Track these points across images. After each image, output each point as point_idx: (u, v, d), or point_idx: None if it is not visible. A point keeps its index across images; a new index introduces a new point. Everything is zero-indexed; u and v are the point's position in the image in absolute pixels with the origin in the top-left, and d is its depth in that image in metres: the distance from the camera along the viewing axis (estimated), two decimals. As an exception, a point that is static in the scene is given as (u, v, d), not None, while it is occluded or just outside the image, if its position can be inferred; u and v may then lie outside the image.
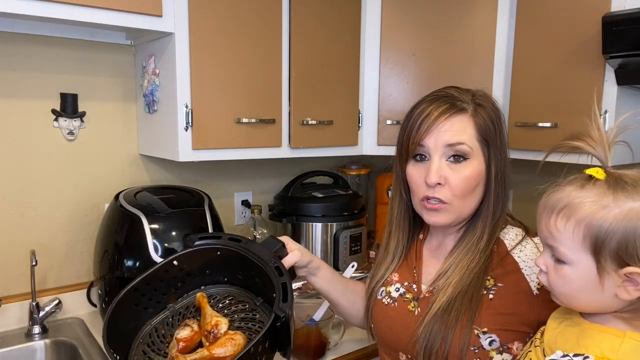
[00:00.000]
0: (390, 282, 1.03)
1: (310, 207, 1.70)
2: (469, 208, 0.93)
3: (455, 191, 0.90)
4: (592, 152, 0.72)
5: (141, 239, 1.26)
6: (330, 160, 2.05)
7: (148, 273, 0.96)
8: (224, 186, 1.78)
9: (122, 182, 1.55)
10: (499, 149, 0.92)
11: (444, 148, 0.90)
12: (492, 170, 0.92)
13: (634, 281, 0.63)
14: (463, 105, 0.91)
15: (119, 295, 0.92)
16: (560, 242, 0.68)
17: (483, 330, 0.86)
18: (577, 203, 0.66)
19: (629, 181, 0.66)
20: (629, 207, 0.63)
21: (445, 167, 0.90)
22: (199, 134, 1.35)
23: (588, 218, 0.65)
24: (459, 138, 0.89)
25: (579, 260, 0.66)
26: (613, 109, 1.33)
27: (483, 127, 0.91)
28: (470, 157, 0.90)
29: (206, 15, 1.32)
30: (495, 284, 0.89)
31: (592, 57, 1.35)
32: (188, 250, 0.99)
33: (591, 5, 1.34)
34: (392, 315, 0.99)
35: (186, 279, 1.01)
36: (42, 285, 1.43)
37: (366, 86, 1.71)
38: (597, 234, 0.64)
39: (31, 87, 1.38)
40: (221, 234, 1.02)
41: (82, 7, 1.13)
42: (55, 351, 1.33)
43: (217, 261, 1.00)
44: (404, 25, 1.67)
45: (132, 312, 0.94)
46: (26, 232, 1.41)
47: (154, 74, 1.41)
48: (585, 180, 0.69)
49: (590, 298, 0.67)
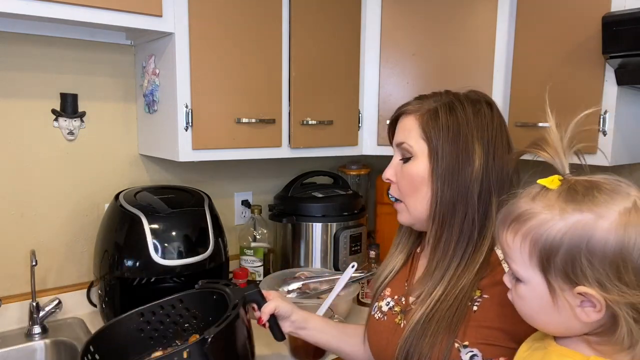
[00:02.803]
0: (383, 297, 1.01)
1: (310, 207, 1.70)
2: (420, 208, 0.91)
3: (401, 189, 0.93)
4: (548, 160, 0.66)
5: (141, 239, 1.26)
6: (330, 160, 2.05)
7: (154, 302, 1.07)
8: (224, 186, 1.78)
9: (122, 182, 1.55)
10: (452, 150, 0.87)
11: (396, 148, 0.95)
12: (438, 171, 0.88)
13: (591, 302, 0.57)
14: (415, 108, 0.92)
15: (124, 314, 1.05)
16: (512, 259, 0.64)
17: (464, 343, 0.81)
18: (523, 215, 0.62)
19: (581, 190, 0.59)
20: (574, 220, 0.57)
21: (399, 166, 0.94)
22: (199, 134, 1.35)
23: (532, 232, 0.60)
24: (403, 138, 0.92)
25: (531, 278, 0.61)
26: (613, 109, 1.33)
27: (431, 127, 0.88)
28: (414, 157, 0.90)
29: (206, 15, 1.32)
30: (481, 295, 0.84)
31: (592, 57, 1.35)
32: (191, 291, 1.09)
33: (591, 5, 1.34)
34: (381, 330, 0.98)
35: (191, 322, 1.10)
36: (42, 285, 1.43)
37: (366, 86, 1.71)
38: (541, 250, 0.59)
39: (31, 87, 1.38)
40: (222, 281, 1.09)
41: (82, 7, 1.13)
42: (55, 351, 1.33)
43: (214, 305, 1.05)
44: (404, 25, 1.67)
45: (133, 336, 1.05)
46: (26, 232, 1.41)
47: (154, 74, 1.41)
48: (538, 191, 0.63)
49: (547, 319, 0.62)
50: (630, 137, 1.43)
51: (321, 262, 1.70)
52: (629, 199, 0.58)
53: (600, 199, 0.58)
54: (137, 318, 1.06)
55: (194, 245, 1.31)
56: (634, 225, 0.56)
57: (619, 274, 0.56)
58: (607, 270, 0.56)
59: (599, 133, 1.35)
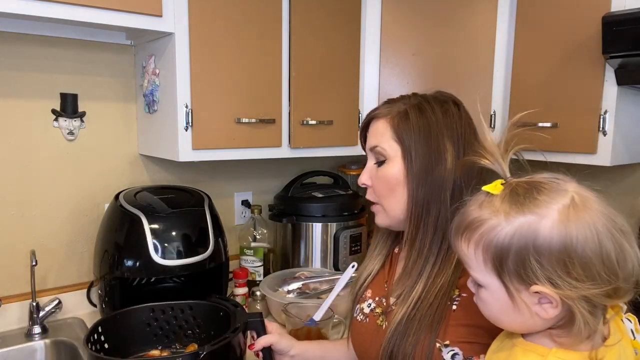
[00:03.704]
0: (364, 299, 1.02)
1: (310, 207, 1.70)
2: (396, 209, 0.92)
3: (377, 191, 0.94)
4: (489, 166, 0.67)
5: (141, 239, 1.26)
6: (330, 160, 2.05)
7: (167, 302, 1.14)
8: (224, 186, 1.78)
9: (122, 182, 1.55)
10: (425, 150, 0.88)
11: (369, 152, 0.96)
12: (412, 171, 0.89)
13: (547, 299, 0.60)
14: (385, 112, 0.92)
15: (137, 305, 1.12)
16: (470, 266, 0.66)
17: (445, 343, 0.82)
18: (473, 223, 0.64)
19: (522, 192, 0.62)
20: (519, 223, 0.60)
21: (374, 169, 0.94)
22: (199, 134, 1.35)
23: (483, 239, 0.62)
24: (375, 141, 0.93)
25: (489, 283, 0.64)
26: (613, 109, 1.33)
27: (402, 129, 0.89)
28: (388, 159, 0.91)
29: (206, 15, 1.32)
30: (459, 294, 0.85)
31: (592, 57, 1.35)
32: (202, 301, 1.15)
33: (591, 6, 1.34)
34: (364, 332, 0.98)
35: (194, 330, 1.14)
36: (42, 285, 1.43)
37: (366, 86, 1.71)
38: (493, 255, 0.61)
39: (31, 87, 1.38)
40: (232, 300, 1.14)
41: (82, 7, 1.13)
42: (55, 351, 1.33)
43: (219, 320, 1.09)
44: (404, 26, 1.67)
45: (140, 329, 1.11)
46: (26, 232, 1.41)
47: (154, 74, 1.41)
48: (484, 197, 0.65)
49: (510, 319, 0.64)
50: (630, 137, 1.43)
51: (321, 262, 1.70)
52: (566, 195, 0.60)
53: (540, 199, 0.60)
54: (148, 312, 1.12)
55: (194, 245, 1.31)
56: (573, 222, 0.58)
57: (567, 270, 0.58)
58: (555, 268, 0.58)
59: (599, 133, 1.35)
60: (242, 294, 1.55)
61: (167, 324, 1.13)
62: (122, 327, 1.08)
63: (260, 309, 1.49)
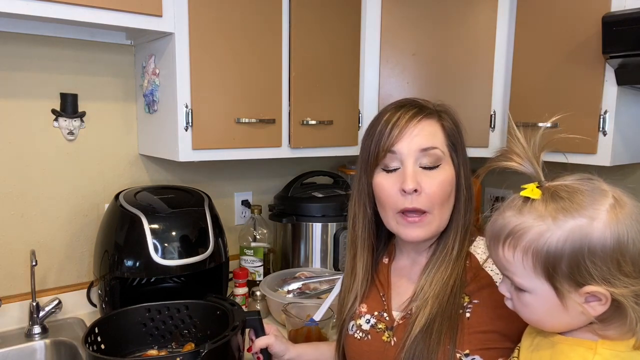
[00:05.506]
0: (360, 315, 0.96)
1: (310, 207, 1.70)
2: (446, 217, 0.88)
3: (433, 198, 0.84)
4: (521, 169, 0.67)
5: (141, 239, 1.26)
6: (330, 160, 2.05)
7: (162, 302, 1.14)
8: (224, 186, 1.78)
9: (122, 182, 1.55)
10: (463, 157, 0.89)
11: (417, 153, 0.85)
12: (461, 177, 0.88)
13: (596, 297, 0.61)
14: (429, 110, 0.89)
15: (133, 306, 1.12)
16: (514, 273, 0.65)
17: (465, 352, 0.80)
18: (519, 230, 0.63)
19: (565, 195, 0.62)
20: (570, 227, 0.60)
21: (420, 174, 0.84)
22: (199, 134, 1.35)
23: (533, 245, 0.62)
24: (432, 142, 0.85)
25: (537, 287, 0.64)
26: (613, 109, 1.33)
27: (450, 132, 0.89)
28: (443, 163, 0.86)
29: (206, 16, 1.32)
30: (470, 301, 0.84)
31: (592, 57, 1.35)
32: (198, 300, 1.14)
33: (591, 5, 1.34)
34: (368, 350, 0.93)
35: (191, 330, 1.14)
36: (42, 285, 1.43)
37: (366, 86, 1.71)
38: (545, 260, 0.61)
39: (31, 87, 1.38)
40: (229, 300, 1.13)
41: (82, 7, 1.13)
42: (55, 351, 1.33)
43: (216, 320, 1.09)
44: (404, 26, 1.67)
45: (136, 329, 1.11)
46: (26, 232, 1.41)
47: (154, 74, 1.41)
48: (523, 203, 0.65)
49: (557, 321, 0.65)
50: (630, 137, 1.43)
51: (321, 262, 1.70)
52: (608, 195, 0.62)
53: (585, 201, 0.61)
54: (144, 312, 1.12)
55: (194, 245, 1.31)
56: (622, 220, 0.60)
57: (620, 268, 0.59)
58: (609, 267, 0.59)
59: (599, 133, 1.35)
60: (242, 294, 1.55)
61: (163, 324, 1.14)
62: (119, 328, 1.08)
63: (260, 309, 1.49)
